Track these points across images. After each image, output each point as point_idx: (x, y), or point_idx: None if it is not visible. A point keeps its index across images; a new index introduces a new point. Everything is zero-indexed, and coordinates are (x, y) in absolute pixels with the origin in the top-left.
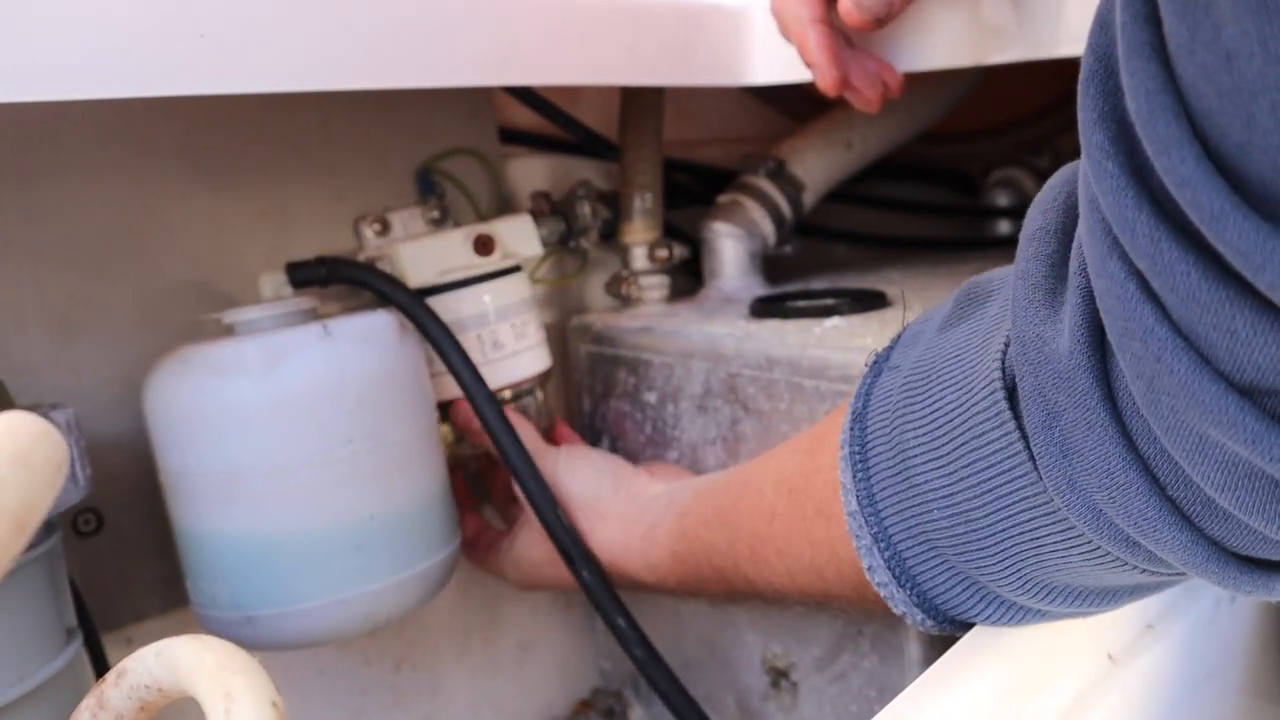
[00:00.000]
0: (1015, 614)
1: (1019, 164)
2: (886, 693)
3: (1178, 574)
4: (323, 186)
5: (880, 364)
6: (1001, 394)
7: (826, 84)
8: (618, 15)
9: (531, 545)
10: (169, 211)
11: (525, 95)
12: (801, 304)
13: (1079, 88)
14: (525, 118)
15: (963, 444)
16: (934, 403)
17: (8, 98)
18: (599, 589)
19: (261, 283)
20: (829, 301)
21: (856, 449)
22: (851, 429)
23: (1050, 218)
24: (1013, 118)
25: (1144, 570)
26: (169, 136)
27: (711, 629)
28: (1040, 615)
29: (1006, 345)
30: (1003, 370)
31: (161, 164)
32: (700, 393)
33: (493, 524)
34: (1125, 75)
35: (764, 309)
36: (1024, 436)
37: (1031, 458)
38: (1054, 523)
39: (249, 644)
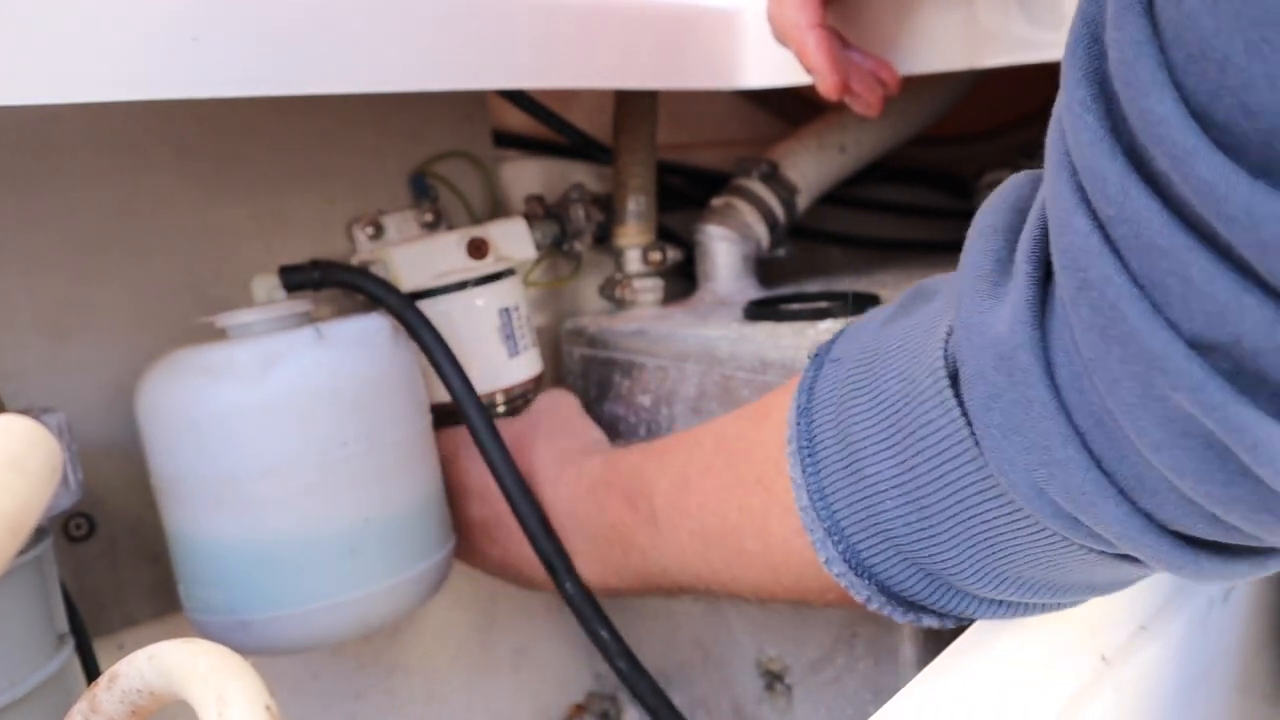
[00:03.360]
0: (972, 605)
1: (1012, 167)
2: (881, 695)
3: (1123, 557)
4: (316, 190)
5: (822, 357)
6: (945, 380)
7: (827, 88)
8: (611, 18)
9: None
10: (162, 215)
11: (519, 98)
12: (795, 307)
13: (1065, 50)
14: (519, 121)
15: (910, 433)
16: (879, 393)
17: (0, 101)
18: (581, 601)
19: (254, 286)
20: (823, 304)
21: (804, 444)
22: (798, 424)
23: (999, 218)
24: (1006, 121)
25: (1091, 550)
26: (162, 140)
27: (705, 632)
28: (998, 606)
29: (950, 333)
30: (945, 357)
31: (154, 167)
32: (694, 395)
33: None
34: (1112, 30)
35: (758, 312)
36: (968, 421)
37: (976, 440)
38: (1001, 505)
39: (242, 648)
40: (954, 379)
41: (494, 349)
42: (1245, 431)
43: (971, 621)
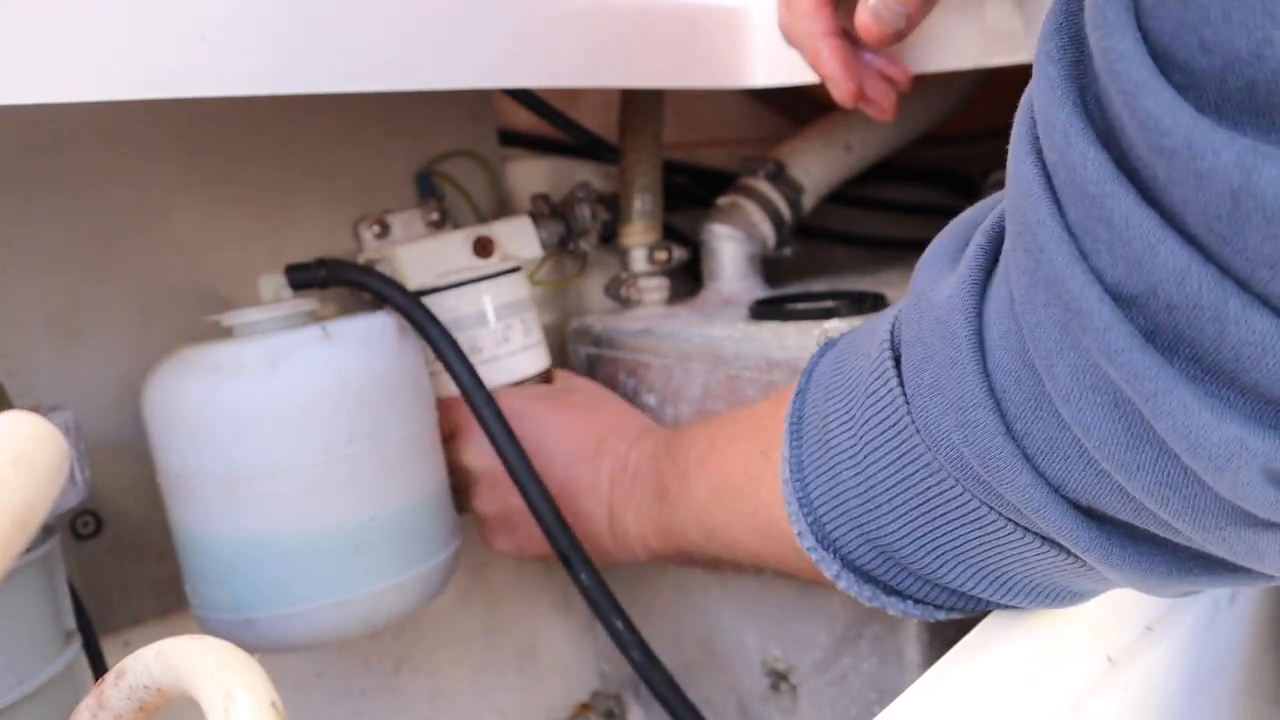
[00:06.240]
0: (924, 588)
1: None
2: (886, 695)
3: (1054, 545)
4: (322, 189)
5: (827, 346)
6: (889, 354)
7: (842, 96)
8: (617, 17)
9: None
10: (169, 213)
11: (525, 97)
12: (801, 306)
13: (1047, 13)
14: (525, 120)
15: (860, 403)
16: (847, 373)
17: (8, 100)
18: (597, 592)
19: (261, 285)
20: (828, 303)
21: (795, 422)
22: (794, 403)
23: (976, 213)
24: (1012, 120)
25: (1015, 525)
26: (169, 139)
27: (711, 632)
28: (948, 594)
29: (900, 311)
30: (892, 331)
31: (162, 166)
32: (700, 395)
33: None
34: None
35: (763, 311)
36: (903, 387)
37: (909, 409)
38: (933, 473)
39: (248, 646)
40: (898, 354)
41: (500, 346)
42: (1144, 379)
43: (933, 609)
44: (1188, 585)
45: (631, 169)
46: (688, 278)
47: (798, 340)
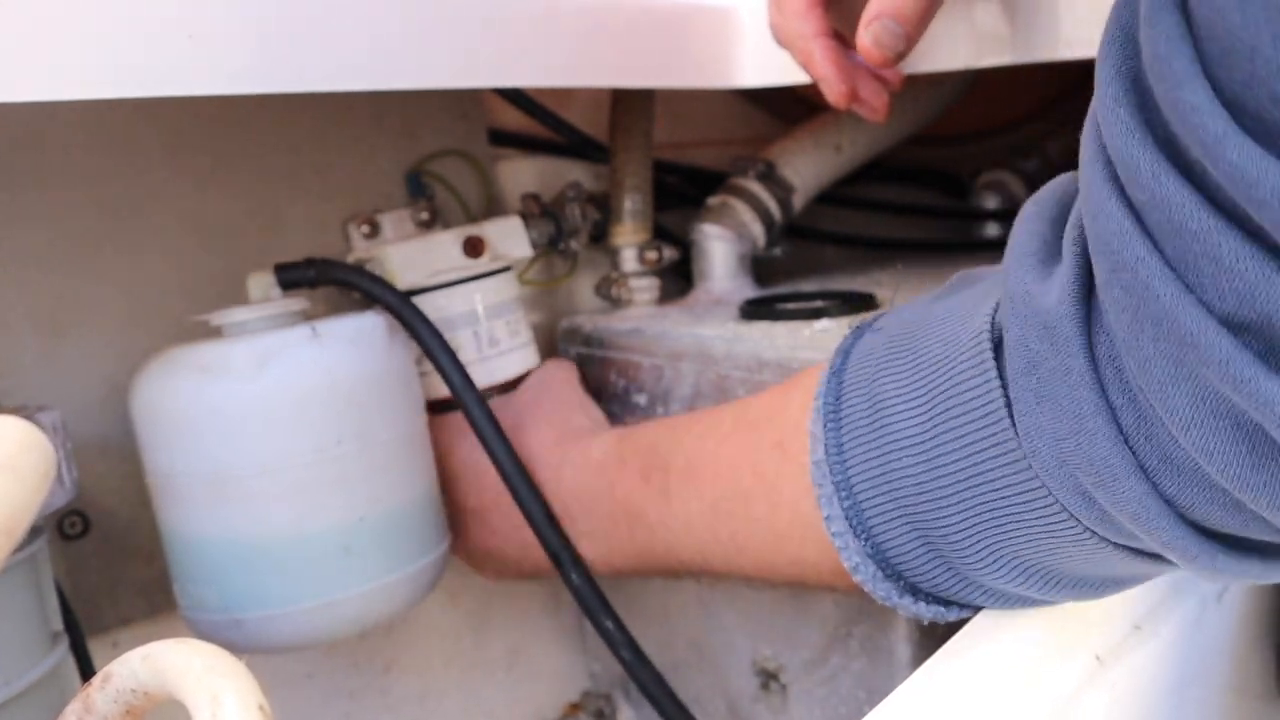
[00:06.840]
0: (958, 585)
1: (1008, 167)
2: (875, 694)
3: (1128, 549)
4: (312, 188)
5: (864, 328)
6: (988, 346)
7: (836, 98)
8: (608, 17)
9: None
10: (157, 212)
11: (515, 97)
12: (791, 306)
13: (1099, 50)
14: (515, 119)
15: (941, 391)
16: (918, 354)
17: None
18: (587, 593)
19: (250, 284)
20: (818, 304)
21: (830, 401)
22: (828, 383)
23: (1044, 209)
24: (1002, 121)
25: (1095, 535)
26: (157, 137)
27: (701, 631)
28: (983, 593)
29: (998, 305)
30: (992, 325)
31: (149, 165)
32: (690, 395)
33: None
34: (1146, 28)
35: (753, 311)
36: (1004, 387)
37: (1008, 406)
38: (1016, 474)
39: (237, 647)
40: (996, 347)
41: (490, 346)
42: (1275, 405)
43: (944, 608)
44: (1268, 579)
45: (622, 169)
46: (678, 278)
47: (788, 340)
